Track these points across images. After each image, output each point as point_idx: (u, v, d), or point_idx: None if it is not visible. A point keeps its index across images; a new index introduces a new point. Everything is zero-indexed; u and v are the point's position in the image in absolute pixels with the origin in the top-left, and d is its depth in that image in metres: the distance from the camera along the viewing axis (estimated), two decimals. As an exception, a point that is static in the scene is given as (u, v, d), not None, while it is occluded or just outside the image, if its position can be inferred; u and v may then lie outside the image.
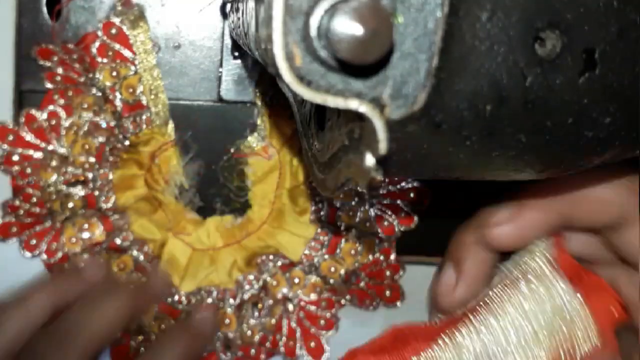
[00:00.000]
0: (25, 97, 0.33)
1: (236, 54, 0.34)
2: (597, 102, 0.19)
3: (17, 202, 0.33)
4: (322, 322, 0.35)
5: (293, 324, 0.35)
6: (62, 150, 0.33)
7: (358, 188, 0.32)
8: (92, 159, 0.33)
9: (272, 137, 0.34)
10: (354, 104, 0.16)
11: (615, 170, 0.27)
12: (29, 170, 0.33)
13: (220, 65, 0.34)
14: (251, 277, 0.34)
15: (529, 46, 0.17)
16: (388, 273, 0.35)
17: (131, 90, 0.33)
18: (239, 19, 0.24)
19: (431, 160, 0.18)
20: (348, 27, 0.14)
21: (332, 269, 0.35)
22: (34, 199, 0.33)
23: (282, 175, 0.35)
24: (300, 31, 0.15)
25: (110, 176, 0.33)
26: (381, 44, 0.15)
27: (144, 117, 0.33)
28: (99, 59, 0.32)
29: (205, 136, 0.35)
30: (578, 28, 0.18)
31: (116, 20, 0.32)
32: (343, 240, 0.35)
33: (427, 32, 0.16)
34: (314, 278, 0.35)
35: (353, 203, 0.35)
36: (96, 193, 0.33)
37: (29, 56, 0.33)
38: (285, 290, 0.34)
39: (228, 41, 0.34)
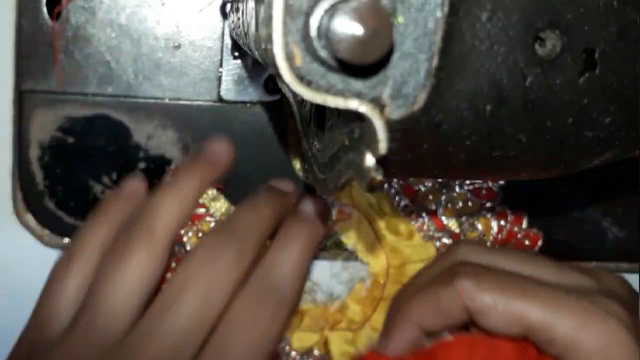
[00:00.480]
0: (25, 97, 0.33)
1: (236, 54, 0.34)
2: (597, 102, 0.19)
3: None
4: None
5: None
6: None
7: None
8: None
9: (338, 196, 0.34)
10: (354, 104, 0.16)
11: None
12: None
13: (220, 65, 0.34)
14: None
15: (529, 46, 0.17)
16: (527, 243, 0.35)
17: None
18: (239, 19, 0.24)
19: (431, 160, 0.18)
20: (348, 27, 0.14)
21: None
22: None
23: (371, 218, 0.34)
24: (300, 31, 0.15)
25: None
26: (381, 44, 0.15)
27: None
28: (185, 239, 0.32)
29: (205, 136, 0.35)
30: (578, 28, 0.18)
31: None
32: (462, 236, 0.35)
33: (427, 32, 0.16)
34: None
35: (443, 197, 0.34)
36: None
37: (29, 56, 0.33)
38: None
39: (228, 41, 0.34)
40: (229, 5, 0.30)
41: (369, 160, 0.16)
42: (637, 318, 0.26)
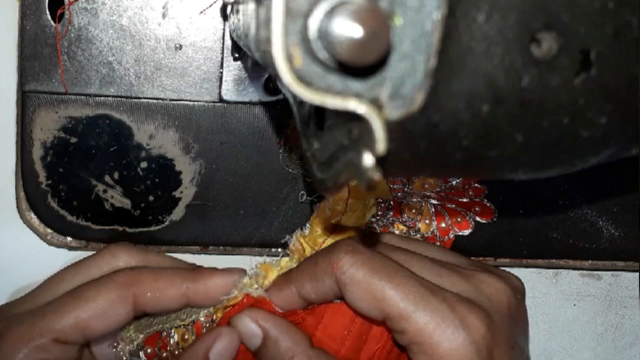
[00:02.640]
0: (29, 97, 0.34)
1: (237, 55, 0.34)
2: (593, 103, 0.19)
3: None
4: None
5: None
6: None
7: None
8: None
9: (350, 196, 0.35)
10: (352, 105, 0.16)
11: None
12: None
13: (221, 66, 0.34)
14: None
15: (525, 47, 0.17)
16: (471, 193, 0.37)
17: None
18: (239, 20, 0.24)
19: (429, 160, 0.19)
20: (347, 28, 0.14)
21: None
22: None
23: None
24: (300, 33, 0.15)
25: None
26: (379, 45, 0.15)
27: None
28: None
29: (206, 136, 0.35)
30: (574, 29, 0.18)
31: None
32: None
33: (425, 33, 0.16)
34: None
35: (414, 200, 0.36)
36: None
37: (32, 57, 0.33)
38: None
39: (229, 42, 0.34)
40: (229, 7, 0.31)
41: (368, 160, 0.16)
42: (502, 331, 0.27)
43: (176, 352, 0.32)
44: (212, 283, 0.31)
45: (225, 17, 0.34)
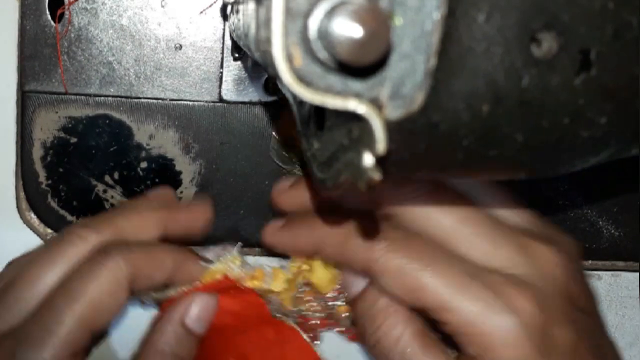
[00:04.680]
0: (29, 97, 0.34)
1: (237, 55, 0.34)
2: (593, 103, 0.19)
3: None
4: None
5: None
6: None
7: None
8: None
9: None
10: (352, 105, 0.16)
11: None
12: None
13: (221, 66, 0.34)
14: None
15: (525, 47, 0.17)
16: None
17: None
18: (239, 20, 0.24)
19: (429, 160, 0.19)
20: (347, 28, 0.14)
21: None
22: None
23: None
24: (300, 33, 0.15)
25: None
26: (379, 45, 0.15)
27: None
28: None
29: (206, 136, 0.35)
30: (574, 29, 0.18)
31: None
32: None
33: (425, 33, 0.16)
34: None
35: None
36: None
37: (32, 57, 0.33)
38: None
39: (228, 42, 0.34)
40: (229, 7, 0.31)
41: (368, 159, 0.16)
42: (558, 308, 0.25)
43: None
44: (188, 214, 0.30)
45: (225, 17, 0.34)
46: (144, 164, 0.35)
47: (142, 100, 0.34)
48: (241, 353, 0.30)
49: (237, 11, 0.25)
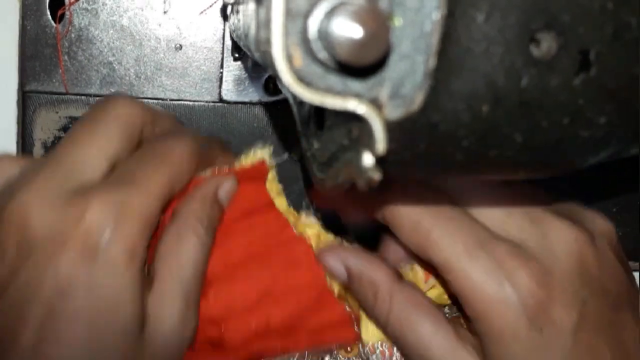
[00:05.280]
0: (29, 97, 0.34)
1: (237, 55, 0.34)
2: (593, 103, 0.19)
3: None
4: None
5: None
6: None
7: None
8: None
9: None
10: (352, 105, 0.16)
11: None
12: None
13: (221, 66, 0.34)
14: None
15: (525, 47, 0.17)
16: None
17: None
18: (239, 20, 0.24)
19: (428, 160, 0.19)
20: (346, 29, 0.14)
21: None
22: None
23: None
24: (300, 33, 0.15)
25: None
26: (379, 45, 0.15)
27: None
28: None
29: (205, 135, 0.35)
30: (573, 29, 0.18)
31: None
32: None
33: (424, 34, 0.16)
34: None
35: None
36: None
37: (33, 57, 0.33)
38: None
39: (229, 43, 0.34)
40: (229, 8, 0.31)
41: (368, 160, 0.16)
42: (564, 288, 0.25)
43: None
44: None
45: (225, 17, 0.34)
46: (144, 164, 0.35)
47: (143, 100, 0.34)
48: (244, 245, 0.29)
49: (237, 12, 0.25)
